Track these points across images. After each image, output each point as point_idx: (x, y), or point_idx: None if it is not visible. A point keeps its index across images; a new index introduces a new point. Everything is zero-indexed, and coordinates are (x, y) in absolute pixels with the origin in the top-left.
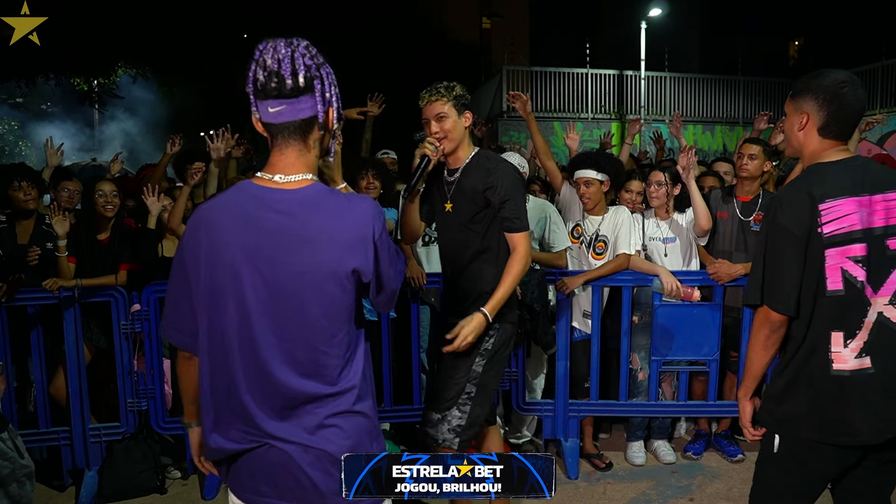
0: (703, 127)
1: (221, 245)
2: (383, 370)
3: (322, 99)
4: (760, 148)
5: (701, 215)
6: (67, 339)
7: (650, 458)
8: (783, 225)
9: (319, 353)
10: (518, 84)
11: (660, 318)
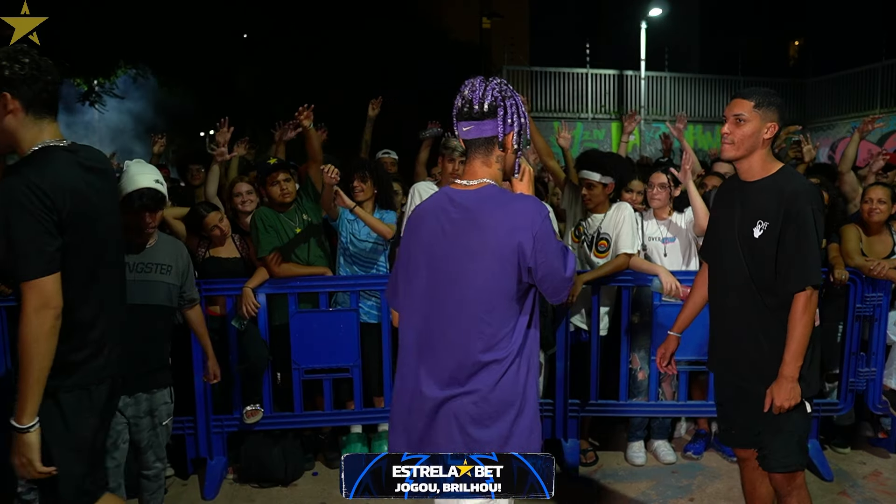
0: (703, 127)
1: (422, 230)
2: (384, 371)
3: (503, 123)
4: None
5: (700, 215)
6: None
7: (650, 458)
8: (821, 211)
9: (481, 320)
10: (518, 84)
11: (659, 317)
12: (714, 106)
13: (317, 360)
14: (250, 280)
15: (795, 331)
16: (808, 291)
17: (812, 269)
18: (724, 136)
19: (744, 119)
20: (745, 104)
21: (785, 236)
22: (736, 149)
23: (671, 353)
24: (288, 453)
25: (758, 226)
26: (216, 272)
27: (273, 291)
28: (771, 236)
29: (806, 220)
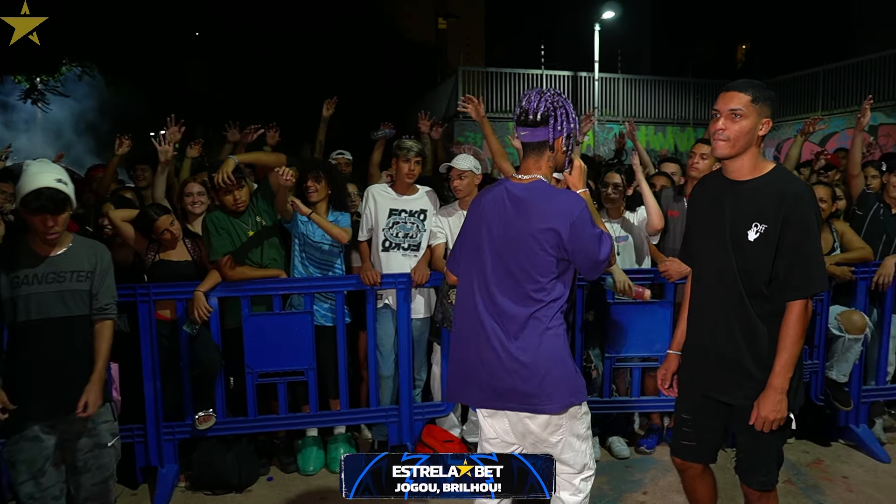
0: (654, 128)
1: (482, 214)
2: (339, 374)
3: (553, 130)
4: (711, 148)
5: (654, 214)
6: None
7: (604, 454)
8: (818, 216)
9: (527, 292)
10: (474, 85)
11: (612, 315)
12: (665, 107)
13: (271, 364)
14: (202, 283)
15: (789, 339)
16: (806, 300)
17: (816, 278)
18: (718, 132)
19: (740, 114)
20: (741, 98)
21: (785, 241)
22: (731, 146)
23: (672, 374)
24: (242, 459)
25: (753, 228)
26: (166, 276)
27: (225, 294)
28: (768, 240)
29: (809, 224)
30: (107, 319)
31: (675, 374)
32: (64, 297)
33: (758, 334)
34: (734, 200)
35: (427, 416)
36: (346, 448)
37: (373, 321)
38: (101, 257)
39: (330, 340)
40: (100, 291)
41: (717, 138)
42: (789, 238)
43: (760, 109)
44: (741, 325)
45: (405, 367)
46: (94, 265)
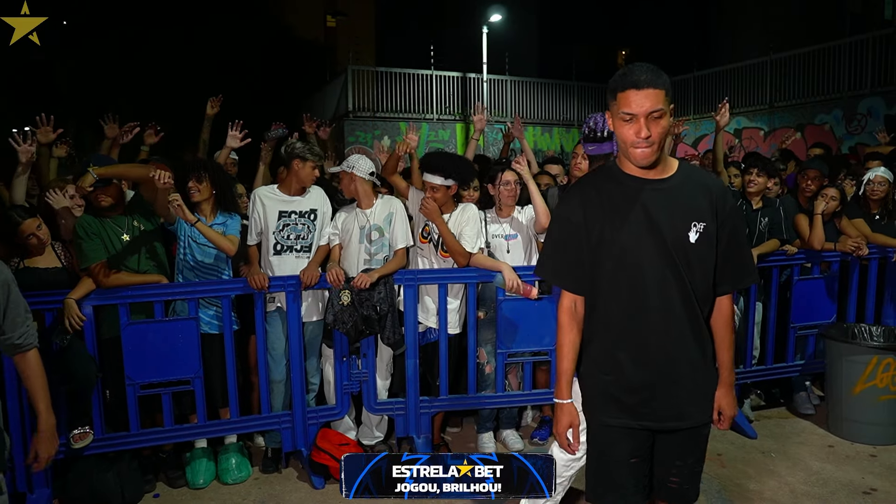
0: (541, 128)
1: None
2: (228, 380)
3: (615, 144)
4: None
5: (542, 213)
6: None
7: (500, 448)
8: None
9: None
10: (364, 84)
11: (504, 312)
12: (551, 109)
13: (154, 374)
14: (73, 291)
15: (729, 333)
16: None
17: (751, 269)
18: (641, 140)
19: (661, 112)
20: (659, 95)
21: (722, 236)
22: (657, 150)
23: (577, 426)
24: (124, 477)
25: (693, 228)
26: (33, 284)
27: (101, 303)
28: (709, 238)
29: (739, 216)
30: (28, 350)
31: (580, 428)
32: None
33: (706, 341)
34: (660, 200)
35: (321, 419)
36: (238, 458)
37: (262, 325)
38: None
39: (217, 347)
40: (7, 322)
41: (640, 147)
42: (726, 232)
43: (670, 101)
44: (694, 337)
45: (297, 370)
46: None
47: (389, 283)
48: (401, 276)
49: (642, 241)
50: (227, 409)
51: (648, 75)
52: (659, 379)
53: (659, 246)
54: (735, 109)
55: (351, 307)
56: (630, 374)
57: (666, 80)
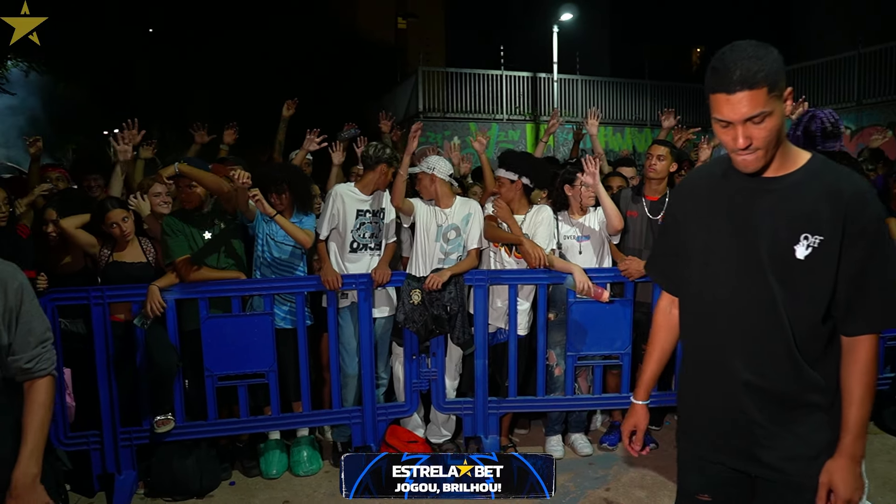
0: (613, 128)
1: None
2: (301, 375)
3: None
4: (668, 149)
5: (612, 216)
6: None
7: (568, 451)
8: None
9: None
10: (434, 85)
11: (574, 314)
12: (624, 109)
13: (231, 367)
14: (158, 280)
15: (863, 389)
16: (876, 335)
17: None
18: (743, 149)
19: (765, 114)
20: (758, 96)
21: (850, 256)
22: (766, 154)
23: (643, 430)
24: (202, 463)
25: (802, 242)
26: (119, 278)
27: (183, 296)
28: (825, 257)
29: (883, 233)
30: (41, 377)
31: (644, 429)
32: None
33: (810, 384)
34: (766, 203)
35: (391, 416)
36: (309, 451)
37: (334, 321)
38: (8, 285)
39: (291, 342)
40: (18, 339)
41: (741, 155)
42: (856, 252)
43: (781, 89)
44: (787, 375)
45: (367, 367)
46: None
47: (460, 283)
48: (471, 277)
49: (730, 256)
50: (299, 403)
51: (742, 72)
52: (735, 412)
53: (749, 258)
54: (819, 107)
55: (421, 306)
56: (705, 397)
57: (769, 70)
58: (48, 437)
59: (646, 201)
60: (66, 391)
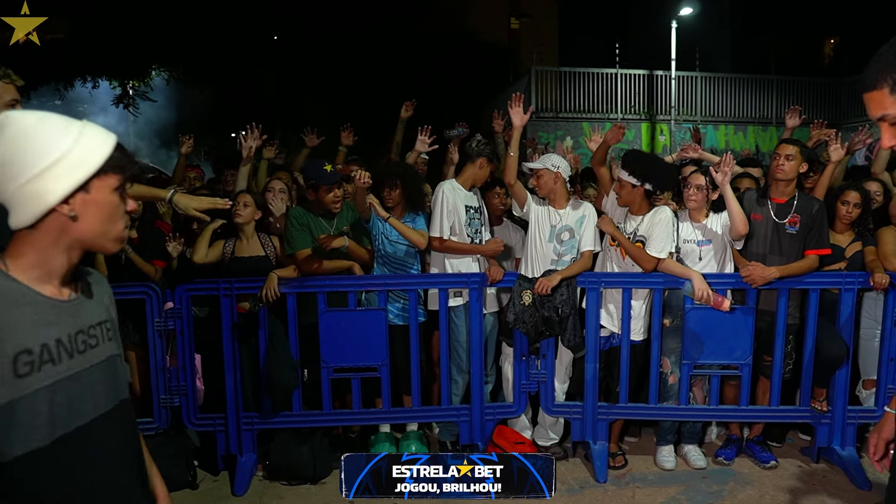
0: (734, 127)
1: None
2: (412, 371)
3: None
4: (797, 148)
5: (738, 221)
6: None
7: (680, 463)
8: None
9: None
10: (547, 84)
11: (691, 321)
12: (746, 106)
13: (345, 359)
14: (280, 269)
15: None
16: None
17: None
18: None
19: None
20: (878, 98)
21: None
22: None
23: (888, 441)
24: (316, 451)
25: None
26: (241, 271)
27: (302, 290)
28: None
29: None
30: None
31: (892, 441)
32: (110, 371)
33: None
34: None
35: (498, 416)
36: (418, 445)
37: (446, 319)
38: (110, 297)
39: (402, 339)
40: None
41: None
42: None
43: None
44: None
45: (477, 366)
46: (108, 305)
47: (572, 285)
48: (584, 279)
49: None
50: (409, 398)
51: (870, 68)
52: None
53: None
54: None
55: (532, 308)
56: None
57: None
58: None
59: (772, 203)
60: (196, 375)
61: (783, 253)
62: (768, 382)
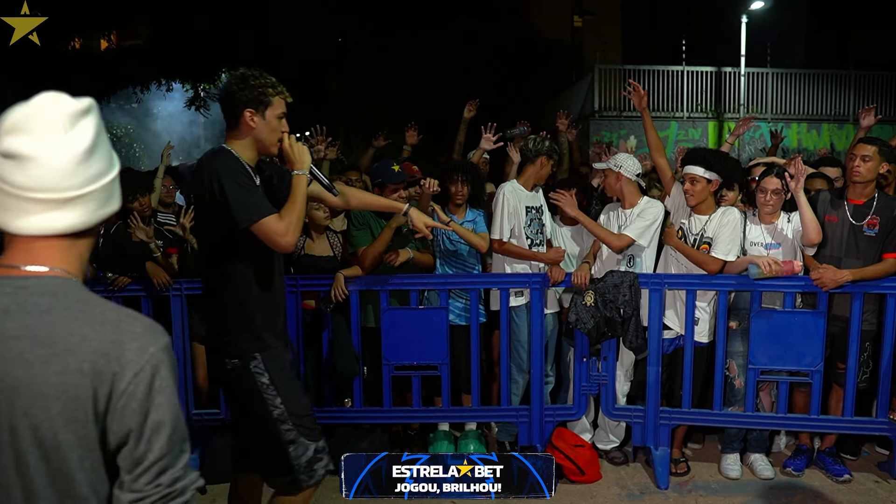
0: (808, 125)
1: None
2: (472, 370)
3: None
4: (876, 148)
5: (812, 229)
6: (175, 331)
7: (746, 472)
8: None
9: None
10: (610, 83)
11: (757, 324)
12: (821, 102)
13: (406, 357)
14: (346, 269)
15: None
16: None
17: None
18: None
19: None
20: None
21: None
22: None
23: None
24: (376, 447)
25: None
26: (310, 269)
27: (365, 288)
28: None
29: None
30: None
31: None
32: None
33: None
34: None
35: (558, 418)
36: (476, 445)
37: (506, 319)
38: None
39: (463, 339)
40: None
41: None
42: None
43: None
44: None
45: (537, 367)
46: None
47: (635, 285)
48: (647, 280)
49: None
50: (469, 397)
51: None
52: None
53: None
54: None
55: (594, 308)
56: None
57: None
58: None
59: (849, 205)
60: None
61: (860, 256)
62: (842, 391)
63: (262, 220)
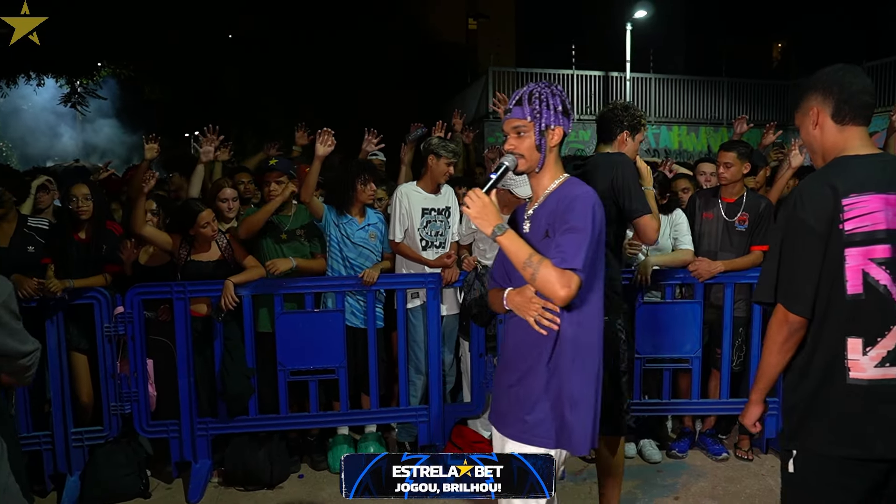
0: (687, 128)
1: None
2: (370, 372)
3: None
4: (735, 154)
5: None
6: (50, 342)
7: (636, 458)
8: (803, 219)
9: None
10: (504, 85)
11: (641, 316)
12: (698, 107)
13: (302, 362)
14: (235, 276)
15: None
16: None
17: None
18: None
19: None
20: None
21: None
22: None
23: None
24: (273, 456)
25: None
26: (196, 275)
27: (258, 293)
28: None
29: None
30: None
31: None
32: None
33: None
34: None
35: (457, 416)
36: (377, 447)
37: (404, 320)
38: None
39: (361, 341)
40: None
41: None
42: None
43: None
44: None
45: (435, 366)
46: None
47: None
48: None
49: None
50: (367, 399)
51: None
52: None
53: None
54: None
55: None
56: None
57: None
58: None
59: (722, 203)
60: (148, 381)
61: (734, 249)
62: (719, 374)
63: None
